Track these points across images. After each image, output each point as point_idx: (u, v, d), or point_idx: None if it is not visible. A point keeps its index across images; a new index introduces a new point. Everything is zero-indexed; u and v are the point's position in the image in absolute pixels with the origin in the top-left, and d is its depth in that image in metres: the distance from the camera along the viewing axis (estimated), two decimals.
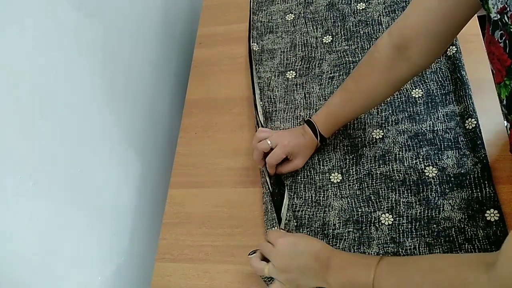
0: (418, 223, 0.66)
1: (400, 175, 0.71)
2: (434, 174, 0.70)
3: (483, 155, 0.69)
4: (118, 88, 0.78)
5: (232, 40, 0.97)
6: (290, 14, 0.96)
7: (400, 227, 0.67)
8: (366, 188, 0.71)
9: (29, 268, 0.55)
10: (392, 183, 0.71)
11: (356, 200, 0.71)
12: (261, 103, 0.85)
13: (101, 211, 0.72)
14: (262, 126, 0.80)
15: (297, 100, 0.84)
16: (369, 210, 0.69)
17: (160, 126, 0.96)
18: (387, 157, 0.73)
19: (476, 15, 0.84)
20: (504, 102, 0.52)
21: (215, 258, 0.72)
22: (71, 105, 0.64)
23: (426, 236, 0.65)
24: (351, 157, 0.75)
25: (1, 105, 0.50)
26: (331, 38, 0.90)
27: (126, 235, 0.78)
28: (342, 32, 0.90)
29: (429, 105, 0.77)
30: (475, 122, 0.72)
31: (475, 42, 0.82)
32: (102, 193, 0.72)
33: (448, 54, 0.80)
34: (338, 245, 0.67)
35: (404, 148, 0.73)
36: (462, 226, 0.65)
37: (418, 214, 0.67)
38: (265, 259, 0.61)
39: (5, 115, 0.51)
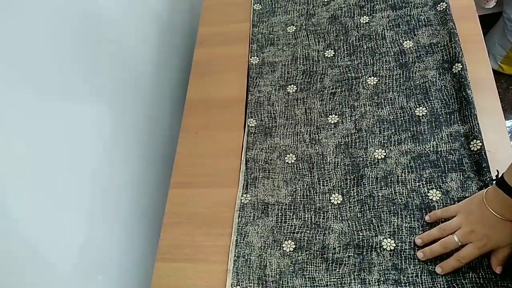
0: None
1: (403, 198, 0.69)
2: (438, 198, 0.68)
3: (488, 179, 0.67)
4: (118, 88, 0.78)
5: (232, 40, 0.97)
6: (292, 26, 0.94)
7: (402, 253, 0.65)
8: (368, 211, 0.69)
9: (29, 268, 0.55)
10: (395, 207, 0.69)
11: (357, 223, 0.69)
12: (253, 121, 0.84)
13: (101, 211, 0.71)
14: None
15: (297, 115, 0.82)
16: (370, 234, 0.67)
17: (160, 126, 0.95)
18: (389, 179, 0.71)
19: (477, 14, 0.83)
20: None
21: (215, 258, 0.71)
22: (71, 105, 0.64)
23: (428, 263, 0.63)
24: (352, 177, 0.73)
25: (1, 105, 0.50)
26: (333, 53, 0.87)
27: (126, 235, 0.78)
28: (344, 47, 0.87)
29: (433, 124, 0.74)
30: (480, 143, 0.70)
31: (476, 42, 0.81)
32: (102, 193, 0.72)
33: (454, 72, 0.78)
34: (337, 270, 0.66)
35: (406, 170, 0.71)
36: None
37: None
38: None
39: (5, 115, 0.51)
